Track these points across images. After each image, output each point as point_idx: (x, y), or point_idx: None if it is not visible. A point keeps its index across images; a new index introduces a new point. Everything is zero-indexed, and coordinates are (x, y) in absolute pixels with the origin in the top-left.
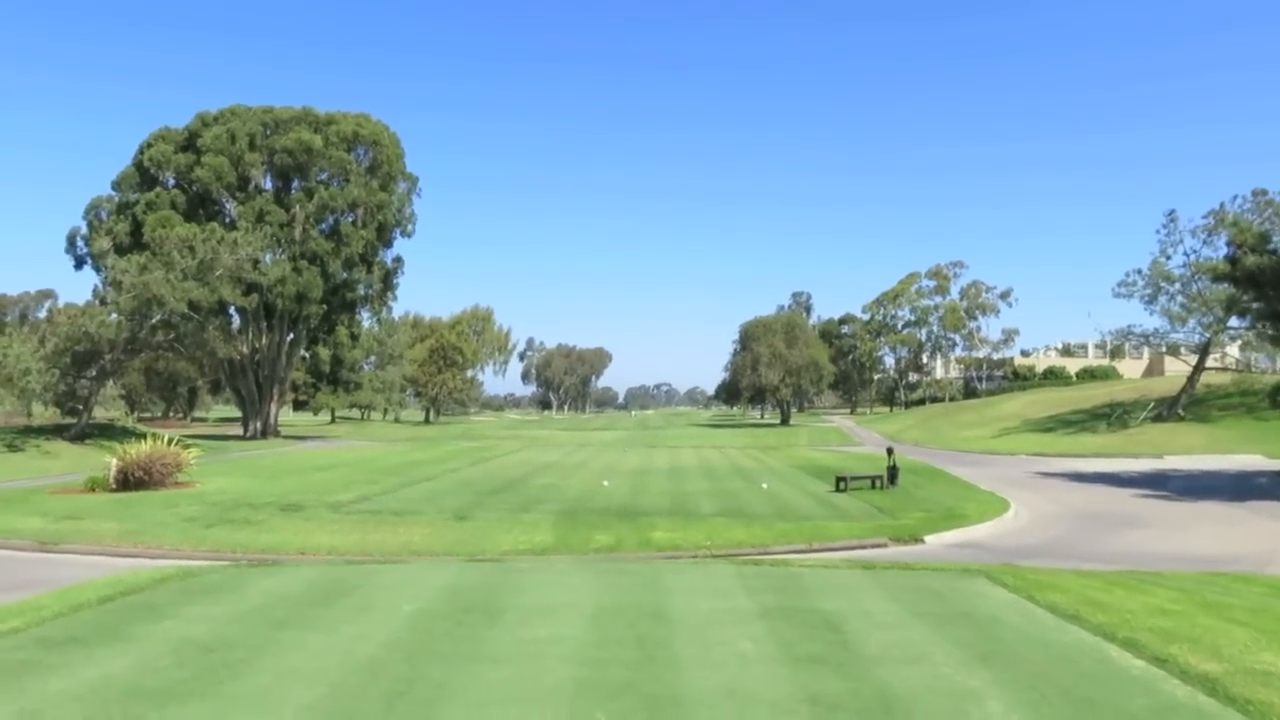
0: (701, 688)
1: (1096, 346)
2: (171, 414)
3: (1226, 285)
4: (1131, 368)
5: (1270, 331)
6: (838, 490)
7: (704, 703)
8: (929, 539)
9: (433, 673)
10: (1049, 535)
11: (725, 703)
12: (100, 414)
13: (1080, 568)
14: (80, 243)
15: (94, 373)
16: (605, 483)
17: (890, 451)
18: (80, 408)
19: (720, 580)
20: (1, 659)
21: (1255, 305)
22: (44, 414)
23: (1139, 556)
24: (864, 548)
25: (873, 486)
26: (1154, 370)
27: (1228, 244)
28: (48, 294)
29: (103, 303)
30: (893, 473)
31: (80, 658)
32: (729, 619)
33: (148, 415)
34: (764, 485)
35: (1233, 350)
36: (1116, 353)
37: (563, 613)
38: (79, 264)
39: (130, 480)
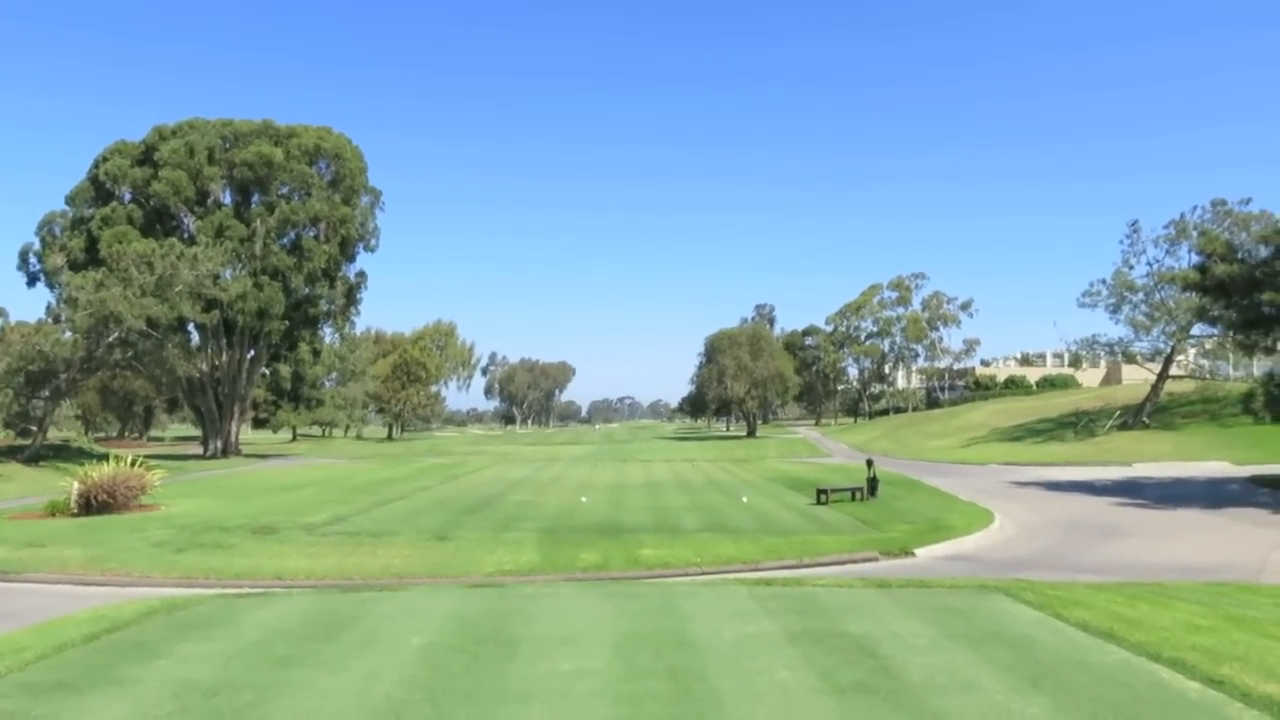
0: None
1: (1055, 355)
2: (127, 433)
3: (1192, 294)
4: (1090, 376)
5: (1239, 338)
6: (819, 503)
7: None
8: (919, 552)
9: (459, 715)
10: (1038, 546)
11: None
12: (54, 434)
13: (1076, 579)
14: (33, 259)
15: (48, 392)
16: (583, 499)
17: (870, 463)
18: (34, 429)
19: (736, 602)
20: None
21: (1225, 313)
22: None
23: (1131, 567)
24: (855, 561)
25: (853, 499)
26: (1112, 379)
27: (1197, 253)
28: None
29: (57, 320)
30: (873, 485)
31: (72, 706)
32: (758, 645)
33: (102, 435)
34: (744, 499)
35: (1189, 358)
36: (1076, 361)
37: (582, 642)
38: (31, 281)
39: (93, 504)
